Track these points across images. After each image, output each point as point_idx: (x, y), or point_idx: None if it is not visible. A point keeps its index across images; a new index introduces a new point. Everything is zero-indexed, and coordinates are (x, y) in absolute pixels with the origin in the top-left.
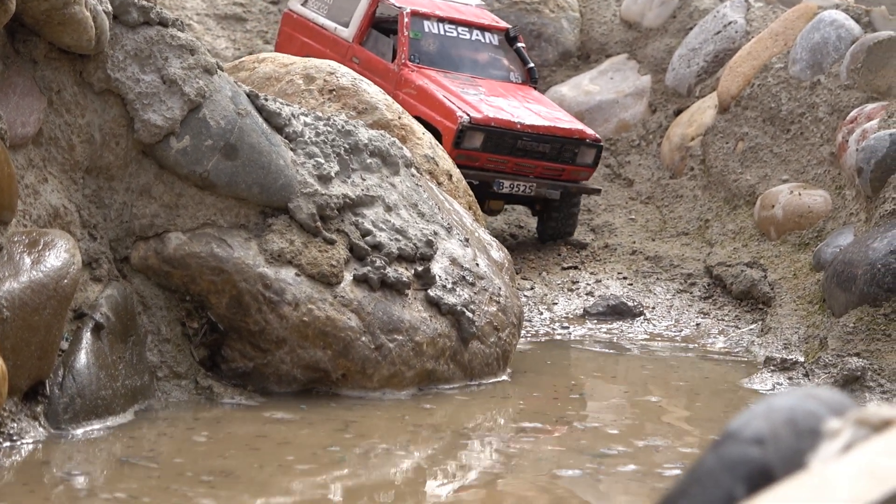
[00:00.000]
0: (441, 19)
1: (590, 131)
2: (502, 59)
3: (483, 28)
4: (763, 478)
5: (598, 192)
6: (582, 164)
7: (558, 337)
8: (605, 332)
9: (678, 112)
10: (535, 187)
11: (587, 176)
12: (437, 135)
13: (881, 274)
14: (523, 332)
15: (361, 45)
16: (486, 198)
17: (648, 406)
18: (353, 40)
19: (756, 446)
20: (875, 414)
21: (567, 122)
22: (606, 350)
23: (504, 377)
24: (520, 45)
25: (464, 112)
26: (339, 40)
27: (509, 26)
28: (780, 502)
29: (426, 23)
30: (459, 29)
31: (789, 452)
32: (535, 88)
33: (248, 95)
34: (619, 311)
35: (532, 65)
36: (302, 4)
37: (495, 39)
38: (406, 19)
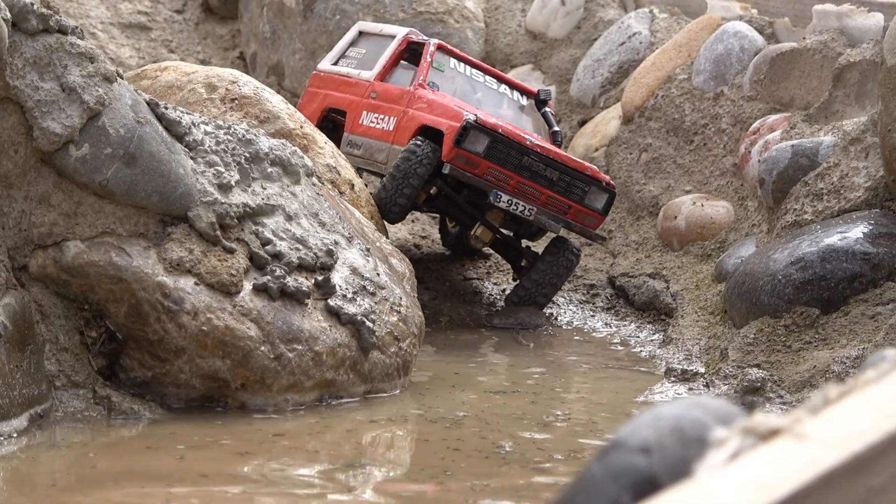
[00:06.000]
0: (468, 62)
1: (604, 175)
2: (526, 116)
3: (511, 85)
4: (649, 486)
5: (603, 239)
6: (591, 206)
7: (460, 346)
8: (508, 342)
9: (582, 123)
10: (535, 212)
11: (595, 223)
12: (440, 137)
13: (782, 285)
14: (425, 341)
15: (382, 81)
16: (477, 218)
17: (546, 415)
18: (374, 79)
19: (642, 455)
20: (762, 423)
21: (580, 161)
22: (508, 360)
23: (405, 387)
24: (547, 109)
25: (472, 114)
26: (361, 82)
27: (539, 89)
28: None
29: (452, 60)
30: (487, 78)
31: (675, 461)
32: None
33: (149, 104)
34: (521, 322)
35: (557, 129)
36: (332, 64)
37: (523, 99)
38: (431, 48)
